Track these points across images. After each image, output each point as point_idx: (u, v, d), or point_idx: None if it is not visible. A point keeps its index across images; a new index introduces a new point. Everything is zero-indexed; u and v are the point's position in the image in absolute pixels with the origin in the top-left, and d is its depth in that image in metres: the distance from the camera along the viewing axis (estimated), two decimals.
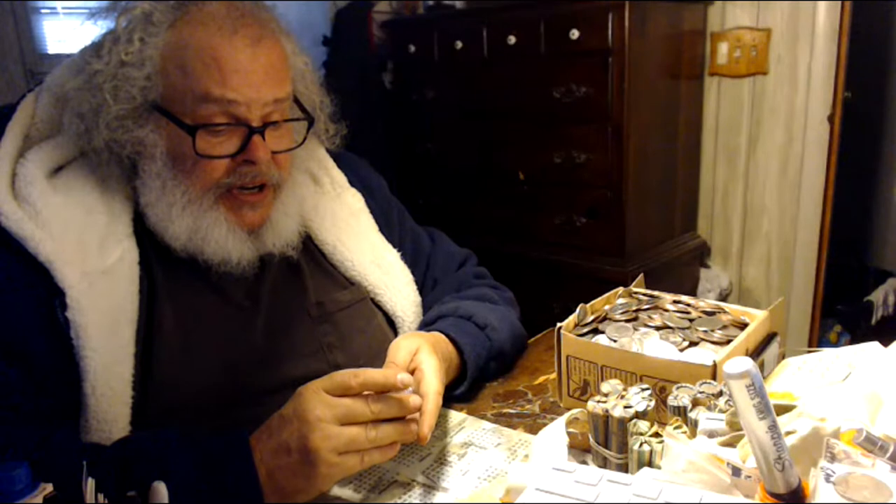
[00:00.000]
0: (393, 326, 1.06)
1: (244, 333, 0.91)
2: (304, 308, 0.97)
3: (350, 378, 0.72)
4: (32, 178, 0.83)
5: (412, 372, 0.83)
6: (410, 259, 1.12)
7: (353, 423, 0.71)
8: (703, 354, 0.88)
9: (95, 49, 0.87)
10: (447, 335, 0.95)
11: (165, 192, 0.86)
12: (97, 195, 0.87)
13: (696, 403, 0.71)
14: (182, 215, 0.86)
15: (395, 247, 1.10)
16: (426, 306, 1.10)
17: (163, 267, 0.89)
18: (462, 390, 0.97)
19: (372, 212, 1.10)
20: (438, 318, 1.02)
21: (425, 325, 1.02)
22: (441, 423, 0.91)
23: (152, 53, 0.84)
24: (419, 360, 0.83)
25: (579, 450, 0.73)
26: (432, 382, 0.80)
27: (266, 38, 0.87)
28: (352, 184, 1.10)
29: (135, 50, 0.84)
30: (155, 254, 0.89)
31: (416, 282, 1.11)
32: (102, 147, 0.85)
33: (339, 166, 1.10)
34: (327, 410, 0.70)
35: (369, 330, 1.02)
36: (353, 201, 1.09)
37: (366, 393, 0.72)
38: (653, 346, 0.90)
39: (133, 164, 0.88)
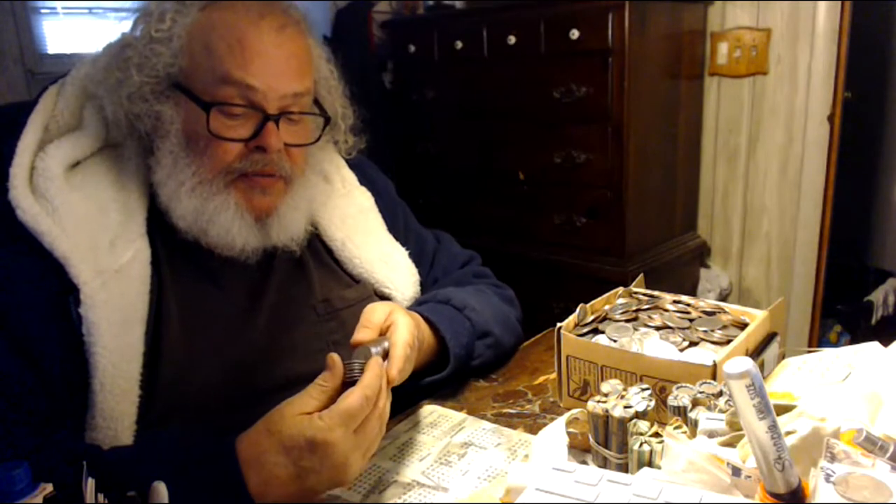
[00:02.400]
0: None
1: (250, 331, 0.91)
2: (311, 305, 0.97)
3: (364, 406, 0.71)
4: (51, 173, 0.83)
5: (386, 328, 0.83)
6: (414, 259, 1.12)
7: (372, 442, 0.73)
8: (703, 354, 0.88)
9: (129, 30, 0.89)
10: (423, 316, 0.95)
11: (176, 170, 0.87)
12: (112, 192, 0.87)
13: (696, 403, 0.71)
14: (190, 196, 0.86)
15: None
16: None
17: (172, 265, 0.89)
18: (449, 370, 0.96)
19: (380, 211, 1.11)
20: (417, 305, 1.02)
21: None
22: (441, 423, 0.91)
23: (180, 31, 0.85)
24: (393, 318, 0.84)
25: (579, 450, 0.73)
26: (403, 333, 0.81)
27: (291, 27, 0.88)
28: (360, 183, 1.11)
29: (165, 27, 0.85)
30: (165, 252, 0.89)
31: (419, 282, 1.11)
32: (122, 118, 0.86)
33: (349, 166, 1.11)
34: (357, 453, 0.71)
35: None
36: (363, 199, 1.10)
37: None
38: (653, 346, 0.90)
39: (151, 143, 0.89)
